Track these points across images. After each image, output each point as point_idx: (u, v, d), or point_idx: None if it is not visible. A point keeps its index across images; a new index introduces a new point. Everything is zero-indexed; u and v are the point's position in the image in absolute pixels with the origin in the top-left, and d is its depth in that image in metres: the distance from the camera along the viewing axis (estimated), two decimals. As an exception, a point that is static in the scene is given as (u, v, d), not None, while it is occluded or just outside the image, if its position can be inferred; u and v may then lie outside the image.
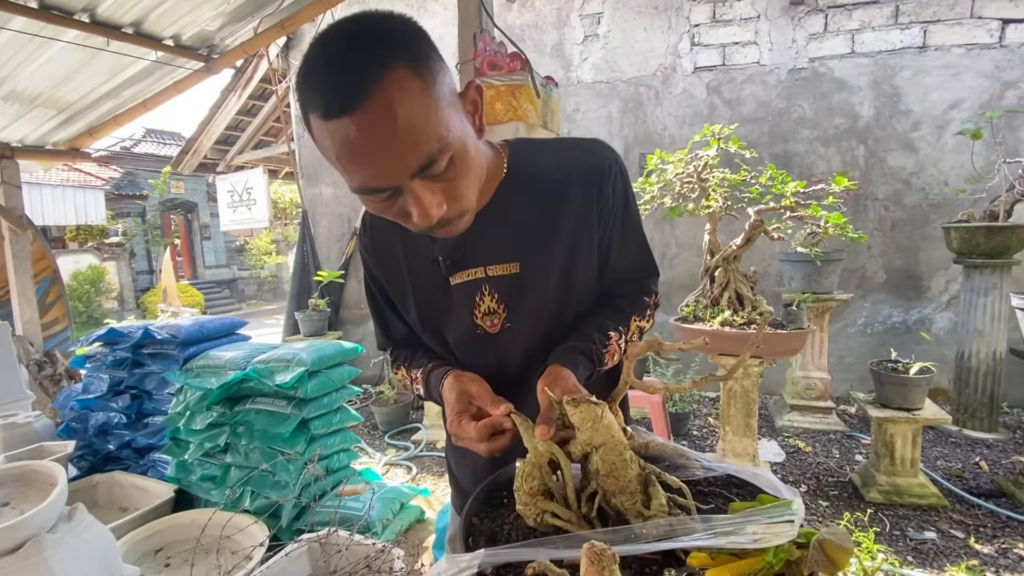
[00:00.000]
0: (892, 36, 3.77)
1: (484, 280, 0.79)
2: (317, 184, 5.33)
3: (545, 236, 0.79)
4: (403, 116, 0.55)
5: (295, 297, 4.89)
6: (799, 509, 0.46)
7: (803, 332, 2.47)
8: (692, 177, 2.66)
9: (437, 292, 0.83)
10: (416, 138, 0.57)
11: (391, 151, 0.56)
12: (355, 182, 0.59)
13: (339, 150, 0.57)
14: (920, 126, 3.80)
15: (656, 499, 0.55)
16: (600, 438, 0.56)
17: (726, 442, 2.74)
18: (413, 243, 0.83)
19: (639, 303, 0.86)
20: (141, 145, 13.92)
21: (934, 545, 2.21)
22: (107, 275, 11.97)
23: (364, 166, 0.58)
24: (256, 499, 2.09)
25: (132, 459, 2.54)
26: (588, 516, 0.56)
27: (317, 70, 0.56)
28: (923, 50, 3.72)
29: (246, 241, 15.90)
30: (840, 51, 3.89)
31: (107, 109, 3.43)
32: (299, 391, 2.10)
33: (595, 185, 0.79)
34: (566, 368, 0.71)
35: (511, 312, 0.80)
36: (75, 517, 1.44)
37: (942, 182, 3.78)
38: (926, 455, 3.03)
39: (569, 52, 4.52)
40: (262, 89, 5.76)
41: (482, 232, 0.77)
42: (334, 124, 0.55)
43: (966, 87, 3.67)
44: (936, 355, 3.77)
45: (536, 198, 0.79)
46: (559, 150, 0.84)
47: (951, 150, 3.73)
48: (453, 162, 0.61)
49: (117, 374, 2.53)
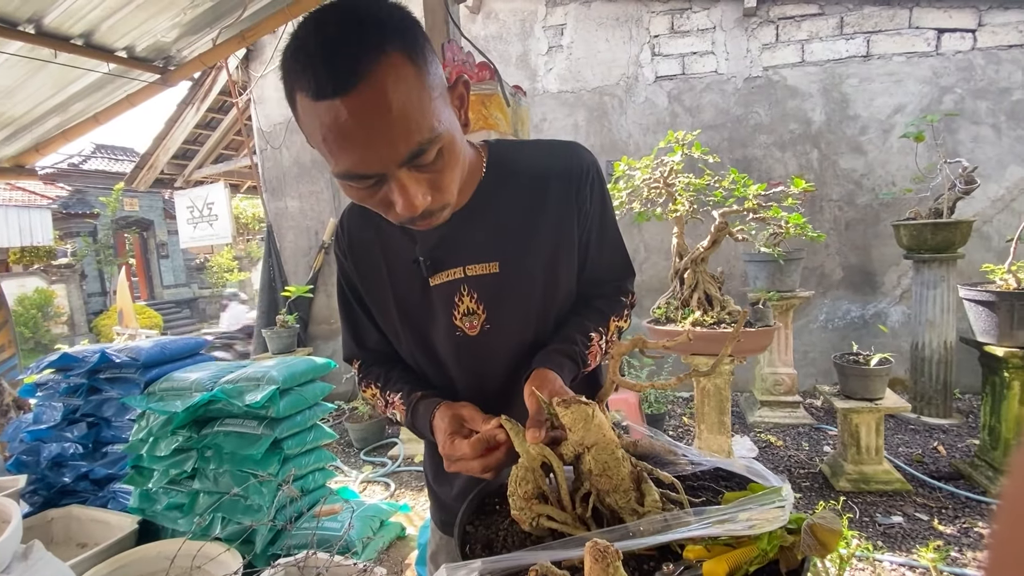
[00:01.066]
0: (838, 46, 3.98)
1: (463, 280, 0.78)
2: (282, 197, 5.21)
3: (525, 236, 0.79)
4: (397, 102, 0.54)
5: (263, 314, 4.74)
6: (789, 495, 0.48)
7: (770, 329, 2.55)
8: (659, 182, 2.73)
9: (417, 295, 0.81)
10: (408, 126, 0.56)
11: (382, 137, 0.55)
12: (341, 167, 0.58)
13: (327, 132, 0.55)
14: (868, 130, 4.01)
15: (650, 496, 0.55)
16: (592, 438, 0.57)
17: (701, 440, 2.79)
18: (392, 245, 0.81)
19: (617, 303, 0.87)
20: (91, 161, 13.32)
21: (901, 528, 2.30)
22: (56, 299, 11.35)
23: (352, 151, 0.56)
24: (228, 525, 2.00)
25: (90, 491, 2.41)
26: (583, 517, 0.56)
27: (309, 48, 0.54)
28: (867, 59, 3.94)
29: (207, 258, 15.38)
30: (791, 60, 4.07)
31: (55, 124, 3.28)
32: (270, 410, 2.03)
33: (574, 186, 0.79)
34: (552, 371, 0.71)
35: (490, 313, 0.79)
36: (31, 555, 1.36)
37: (890, 182, 3.98)
38: (888, 443, 3.16)
39: (534, 63, 4.59)
40: (221, 102, 5.61)
41: (461, 232, 0.77)
42: (324, 105, 0.53)
43: (908, 93, 3.90)
44: (892, 347, 3.95)
45: (516, 198, 0.79)
46: (538, 151, 0.84)
47: (897, 152, 3.95)
48: (441, 153, 0.60)
49: (72, 402, 2.40)
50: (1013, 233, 2.74)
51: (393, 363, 0.89)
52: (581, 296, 0.86)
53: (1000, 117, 3.80)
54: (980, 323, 2.62)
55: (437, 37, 1.85)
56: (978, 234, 3.70)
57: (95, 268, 12.62)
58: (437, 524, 0.99)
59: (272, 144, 5.14)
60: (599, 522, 0.57)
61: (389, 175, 0.59)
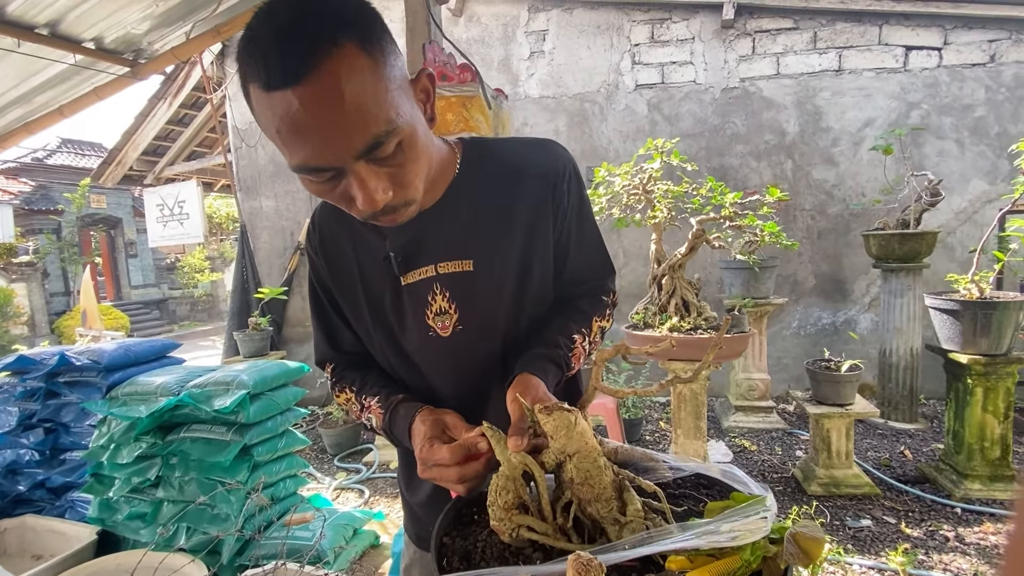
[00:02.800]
0: (812, 59, 4.09)
1: (435, 279, 0.76)
2: (257, 197, 5.10)
3: (499, 233, 0.77)
4: (350, 93, 0.53)
5: (235, 316, 4.61)
6: (772, 505, 0.47)
7: (746, 336, 2.59)
8: (638, 189, 2.75)
9: (389, 293, 0.79)
10: (363, 117, 0.54)
11: (335, 129, 0.54)
12: (296, 159, 0.56)
13: (280, 124, 0.54)
14: (839, 142, 4.12)
15: (632, 504, 0.54)
16: (574, 445, 0.55)
17: (678, 445, 2.81)
18: (364, 242, 0.79)
19: (599, 303, 0.85)
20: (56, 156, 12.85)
21: (870, 532, 2.35)
22: (15, 298, 10.86)
23: (306, 143, 0.54)
24: (193, 535, 1.93)
25: (47, 500, 2.30)
26: (564, 527, 0.55)
27: (261, 38, 0.53)
28: (839, 73, 4.06)
29: (177, 258, 14.95)
30: (767, 72, 4.17)
31: (16, 116, 3.14)
32: (240, 416, 1.98)
33: (550, 183, 0.78)
34: (535, 376, 0.69)
35: (463, 313, 0.77)
36: (-23, 571, 1.28)
37: (860, 193, 4.10)
38: (858, 447, 3.23)
39: (516, 67, 4.60)
40: (195, 98, 5.47)
41: (434, 229, 0.75)
42: (276, 96, 0.52)
43: (877, 107, 4.03)
44: (861, 353, 4.06)
45: (490, 195, 0.77)
46: (513, 148, 0.82)
47: (866, 164, 4.07)
48: (401, 147, 0.59)
49: (28, 406, 2.29)
50: (976, 244, 2.84)
51: (368, 366, 0.86)
52: (563, 295, 0.85)
53: (964, 132, 3.95)
54: (945, 331, 2.71)
55: (418, 38, 1.83)
56: (943, 245, 3.84)
57: (59, 267, 12.14)
58: (411, 538, 0.96)
59: (247, 142, 5.02)
60: (580, 532, 0.56)
61: (347, 168, 0.57)
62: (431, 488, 0.86)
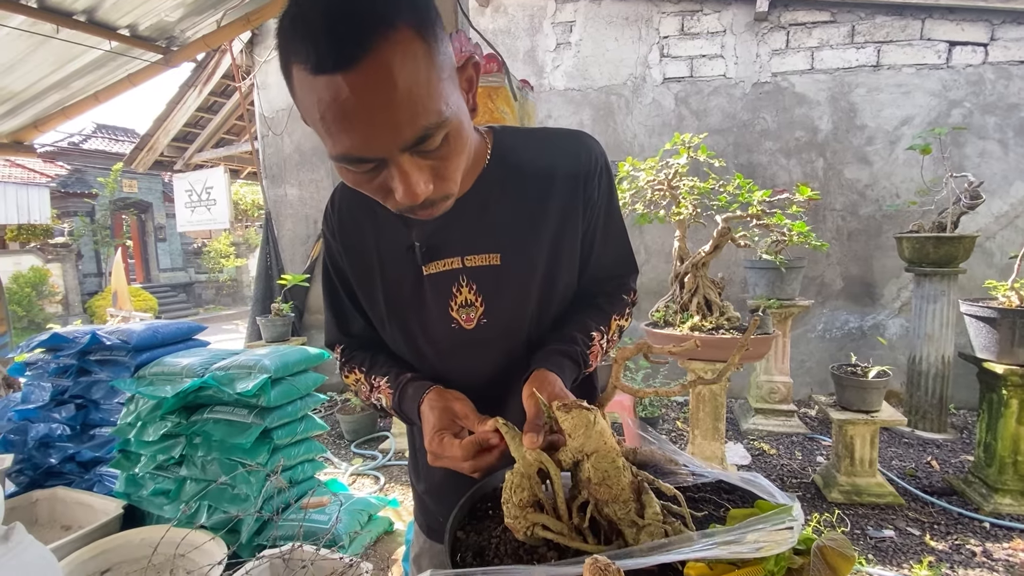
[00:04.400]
0: (848, 54, 3.95)
1: (461, 271, 0.75)
2: (281, 185, 5.17)
3: (529, 227, 0.75)
4: (404, 82, 0.49)
5: (258, 302, 4.71)
6: (799, 515, 0.45)
7: (769, 337, 2.53)
8: (663, 185, 2.70)
9: (408, 283, 0.77)
10: (415, 108, 0.51)
11: (385, 119, 0.50)
12: (339, 149, 0.53)
13: (325, 111, 0.50)
14: (874, 140, 3.99)
15: (650, 507, 0.53)
16: (592, 445, 0.54)
17: (695, 445, 2.78)
18: (386, 230, 0.77)
19: (619, 301, 0.84)
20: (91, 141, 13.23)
21: (893, 543, 2.29)
22: (51, 278, 11.28)
23: (352, 132, 0.51)
24: (214, 514, 1.98)
25: (76, 473, 2.38)
26: (580, 527, 0.54)
27: (310, 16, 0.49)
28: (877, 68, 3.91)
29: (204, 243, 15.31)
30: (801, 67, 4.05)
31: (55, 101, 3.23)
32: (261, 399, 2.01)
33: (581, 178, 0.76)
34: (552, 372, 0.68)
35: (489, 306, 0.75)
36: (12, 537, 1.33)
37: (894, 194, 3.97)
38: (882, 455, 3.15)
39: (542, 59, 4.55)
40: (224, 85, 5.55)
41: (461, 220, 0.73)
42: (324, 80, 0.49)
43: (916, 104, 3.88)
44: (889, 359, 3.94)
45: (520, 188, 0.75)
46: (545, 140, 0.80)
47: (902, 164, 3.93)
48: (447, 139, 0.56)
49: (61, 382, 2.37)
50: (1017, 250, 2.73)
51: (379, 348, 0.86)
52: (583, 291, 0.83)
53: (1008, 133, 3.78)
54: (980, 339, 2.61)
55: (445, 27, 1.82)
56: (981, 250, 3.69)
57: (91, 248, 12.55)
58: (422, 528, 0.96)
59: (274, 131, 5.09)
60: (596, 533, 0.55)
61: (390, 160, 0.54)
62: (440, 478, 0.86)
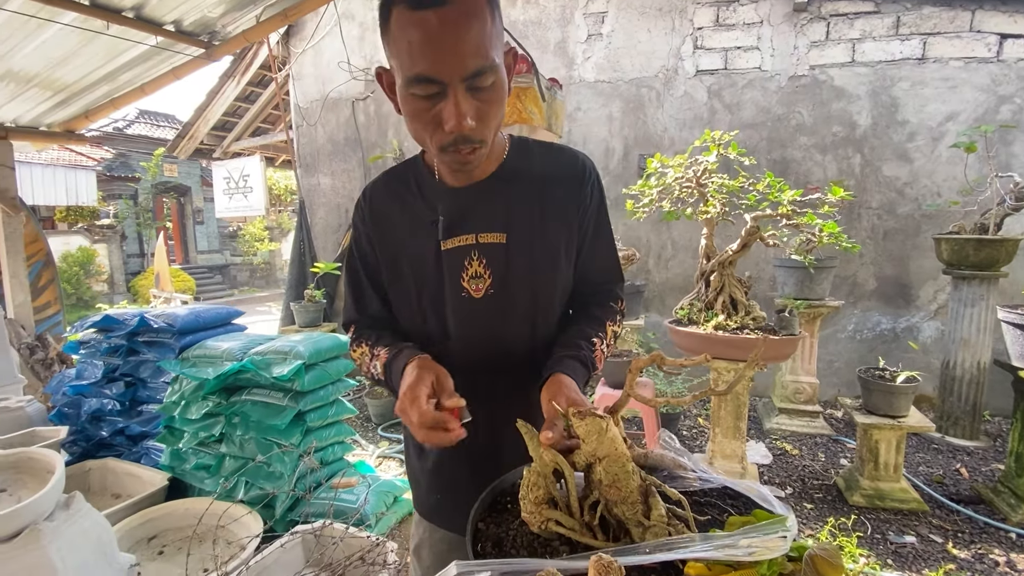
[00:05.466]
0: (892, 47, 3.81)
1: (474, 247, 0.86)
2: (315, 174, 5.30)
3: (533, 216, 0.87)
4: (476, 25, 0.67)
5: (292, 288, 4.87)
6: (792, 526, 0.49)
7: (794, 339, 2.51)
8: (691, 182, 2.69)
9: (430, 257, 0.87)
10: (478, 47, 0.68)
11: (457, 49, 0.66)
12: (416, 69, 0.68)
13: (415, 36, 0.66)
14: (916, 137, 3.85)
15: (656, 510, 0.57)
16: (604, 450, 0.59)
17: (715, 443, 2.79)
18: (413, 209, 0.89)
19: (610, 310, 0.94)
20: (134, 126, 13.72)
21: (913, 549, 2.27)
22: (97, 257, 11.84)
23: (432, 54, 0.66)
24: (250, 489, 2.10)
25: (125, 446, 2.55)
26: (591, 524, 0.59)
27: None
28: (922, 62, 3.76)
29: (239, 227, 15.78)
30: (841, 60, 3.92)
31: (104, 92, 3.39)
32: (296, 383, 2.11)
33: (577, 184, 0.89)
34: (566, 375, 0.76)
35: (495, 279, 0.86)
36: (72, 505, 1.45)
37: (935, 193, 3.83)
38: (909, 460, 3.10)
39: (572, 50, 4.52)
40: (261, 76, 5.70)
41: (479, 202, 0.86)
42: (419, 15, 0.65)
43: (963, 100, 3.72)
44: (922, 363, 3.85)
45: (528, 183, 0.88)
46: (551, 151, 0.94)
47: (945, 162, 3.78)
48: (494, 85, 0.71)
49: (112, 361, 2.53)
50: (1063, 255, 2.62)
51: (389, 327, 0.95)
52: (577, 299, 0.94)
53: (1061, 131, 3.60)
54: (1017, 347, 2.53)
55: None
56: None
57: (134, 230, 13.09)
58: (422, 514, 1.00)
59: (308, 121, 5.21)
60: (606, 530, 0.60)
61: (450, 87, 0.68)
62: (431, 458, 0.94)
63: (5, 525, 1.26)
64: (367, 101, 5.03)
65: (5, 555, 1.25)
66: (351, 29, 5.01)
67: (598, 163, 4.53)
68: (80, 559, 1.35)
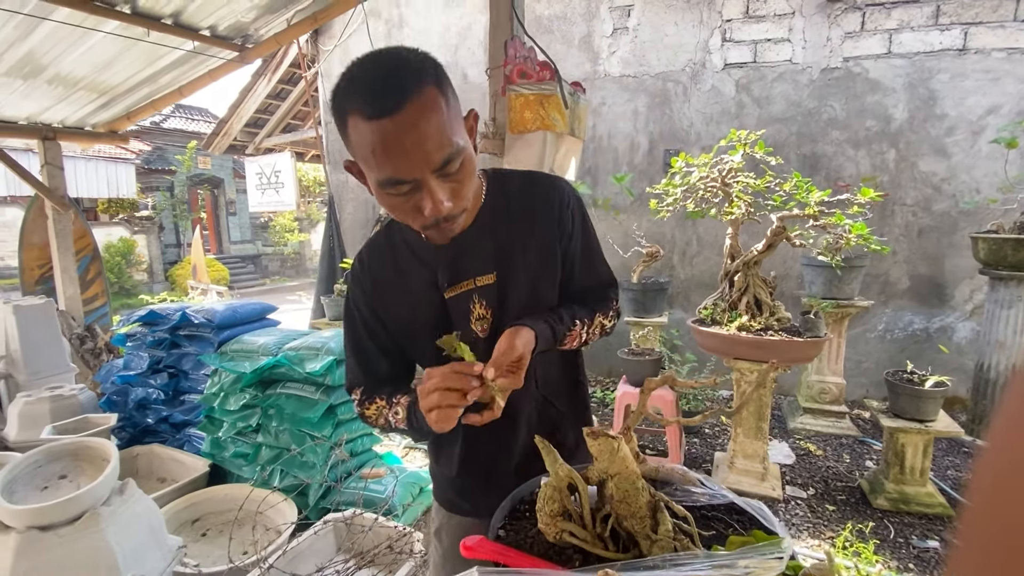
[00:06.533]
0: (931, 37, 3.67)
1: (474, 291, 0.91)
2: (343, 170, 5.41)
3: (516, 251, 0.91)
4: (433, 121, 0.69)
5: (322, 281, 5.02)
6: (788, 547, 0.53)
7: (819, 341, 2.49)
8: (716, 182, 2.67)
9: (437, 310, 0.92)
10: (440, 140, 0.70)
11: (420, 149, 0.69)
12: (384, 174, 0.71)
13: (376, 145, 0.69)
14: (954, 131, 3.71)
15: (663, 524, 0.62)
16: (615, 468, 0.63)
17: (737, 443, 2.80)
18: (411, 276, 0.92)
19: (604, 303, 1.00)
20: (170, 120, 14.16)
21: (936, 554, 2.25)
22: (137, 248, 12.33)
23: (397, 159, 0.69)
24: (285, 478, 2.22)
25: (169, 433, 2.71)
26: (602, 536, 0.64)
27: (364, 80, 0.69)
28: (963, 52, 3.62)
29: (270, 218, 16.19)
30: (876, 51, 3.80)
31: (144, 94, 3.54)
32: (327, 378, 2.21)
33: (556, 213, 0.93)
34: (528, 329, 0.82)
35: (495, 317, 0.91)
36: (126, 491, 1.57)
37: (974, 189, 3.70)
38: (937, 464, 3.04)
39: (597, 45, 4.49)
40: (291, 74, 5.83)
41: (470, 248, 0.90)
42: (376, 124, 0.67)
43: (1005, 93, 3.57)
44: (956, 363, 3.75)
45: (509, 220, 0.92)
46: (527, 183, 0.96)
47: (985, 157, 3.65)
48: (463, 165, 0.75)
49: (156, 353, 2.68)
50: (1108, 257, 2.52)
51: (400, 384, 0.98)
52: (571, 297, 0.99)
53: (1114, 124, 3.42)
54: (1055, 352, 2.46)
55: (501, 34, 1.88)
56: (1070, 252, 3.39)
57: (171, 221, 13.57)
58: (442, 503, 1.08)
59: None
60: (616, 541, 0.64)
61: (422, 181, 0.72)
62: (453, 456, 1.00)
63: (68, 509, 1.38)
64: (393, 97, 5.11)
65: (68, 537, 1.37)
66: (377, 26, 5.07)
67: (622, 158, 4.53)
68: (134, 541, 1.47)
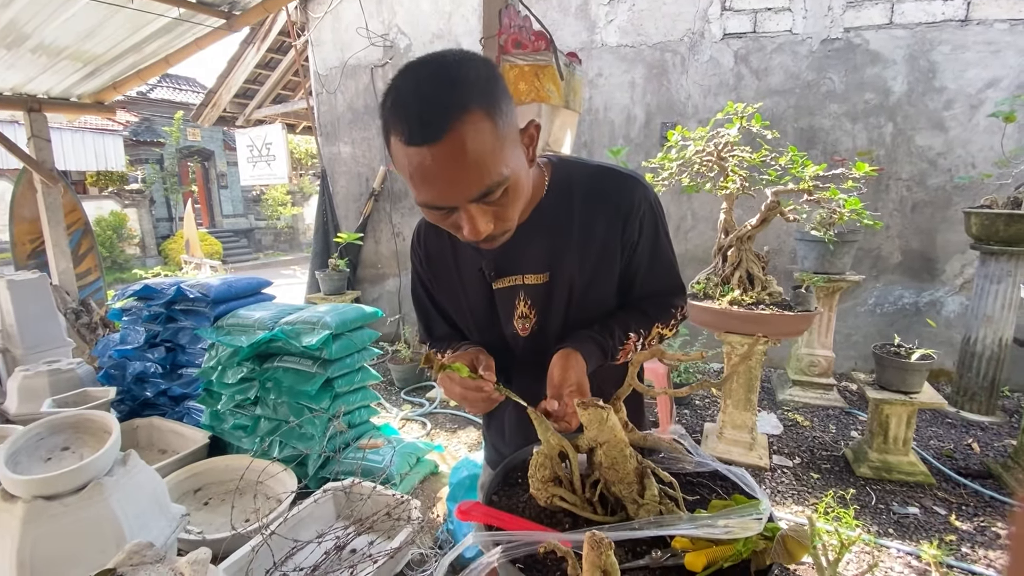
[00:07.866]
0: (934, 7, 3.60)
1: (521, 287, 0.90)
2: (335, 142, 5.34)
3: (573, 253, 0.87)
4: (473, 153, 0.64)
5: (316, 256, 5.00)
6: (766, 509, 0.56)
7: (809, 315, 2.53)
8: (712, 156, 2.66)
9: (484, 298, 0.93)
10: (481, 172, 0.65)
11: (457, 180, 0.65)
12: (422, 198, 0.69)
13: (414, 171, 0.65)
14: (953, 104, 3.69)
15: (649, 490, 0.64)
16: (604, 436, 0.66)
17: (726, 414, 2.86)
18: (463, 256, 0.93)
19: (665, 312, 0.93)
20: (157, 90, 13.81)
21: (916, 519, 2.34)
22: (128, 222, 12.19)
23: (432, 188, 0.66)
24: (284, 449, 2.27)
25: (168, 406, 2.74)
26: (591, 500, 0.67)
27: (405, 102, 0.64)
28: (965, 23, 3.56)
29: (262, 191, 15.99)
30: (878, 21, 3.74)
31: (130, 63, 3.45)
32: (324, 352, 2.23)
33: (621, 220, 0.86)
34: (578, 354, 0.80)
35: (540, 317, 0.91)
36: (129, 462, 1.61)
37: (970, 164, 3.70)
38: (920, 434, 3.13)
39: (594, 13, 4.39)
40: (280, 42, 5.67)
41: (522, 243, 0.85)
42: (414, 150, 0.64)
43: (1005, 65, 3.53)
44: (944, 337, 3.82)
45: (570, 218, 0.87)
46: (597, 178, 0.89)
47: (982, 131, 3.63)
48: (507, 192, 0.70)
49: (152, 327, 2.69)
50: (1096, 233, 2.55)
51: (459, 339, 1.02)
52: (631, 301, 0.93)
53: (1112, 98, 3.40)
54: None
55: (495, 2, 1.83)
56: (1060, 227, 3.42)
57: (162, 194, 13.38)
58: (488, 462, 1.17)
59: (327, 88, 5.21)
60: (604, 506, 0.67)
61: (460, 208, 0.69)
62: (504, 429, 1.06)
63: (73, 479, 1.41)
64: (386, 68, 5.00)
65: (73, 506, 1.40)
66: (369, -8, 4.92)
67: (619, 132, 4.48)
68: (138, 509, 1.51)
